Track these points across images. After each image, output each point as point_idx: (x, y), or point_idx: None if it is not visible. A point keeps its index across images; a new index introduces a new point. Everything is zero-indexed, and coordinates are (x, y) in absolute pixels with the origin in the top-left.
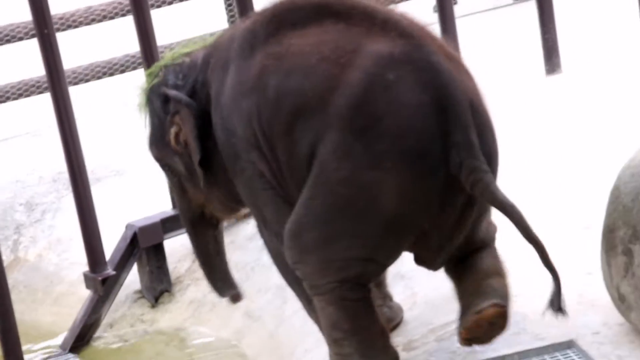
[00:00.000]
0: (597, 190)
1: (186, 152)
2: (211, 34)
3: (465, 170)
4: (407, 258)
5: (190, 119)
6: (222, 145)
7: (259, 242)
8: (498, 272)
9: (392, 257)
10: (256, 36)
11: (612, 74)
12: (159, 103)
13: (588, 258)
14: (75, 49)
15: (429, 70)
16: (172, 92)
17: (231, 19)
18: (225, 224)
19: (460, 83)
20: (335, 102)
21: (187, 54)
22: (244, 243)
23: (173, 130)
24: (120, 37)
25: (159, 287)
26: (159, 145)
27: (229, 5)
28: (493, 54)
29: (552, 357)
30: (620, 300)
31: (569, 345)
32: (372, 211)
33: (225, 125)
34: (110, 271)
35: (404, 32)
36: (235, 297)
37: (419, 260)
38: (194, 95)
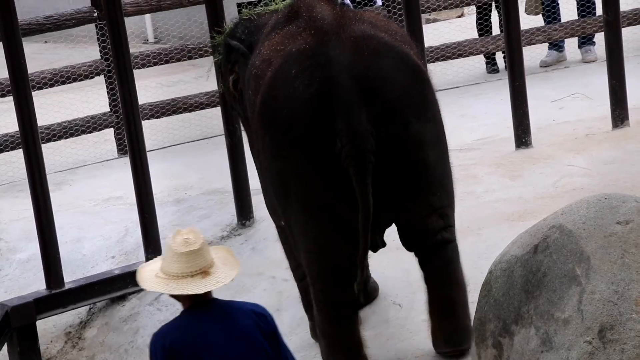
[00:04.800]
0: (469, 283)
1: (241, 99)
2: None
3: (343, 154)
4: None
5: (245, 68)
6: None
7: (134, 324)
8: (452, 309)
9: (334, 247)
10: None
11: (488, 168)
12: (224, 52)
13: None
14: None
15: (323, 65)
16: (233, 42)
17: (113, 102)
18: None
19: (355, 73)
20: (258, 97)
21: (260, 15)
22: (119, 325)
23: (232, 78)
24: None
25: None
26: (227, 91)
27: (112, 89)
28: None
29: None
30: None
31: None
32: (290, 196)
33: None
34: None
35: (321, 29)
36: None
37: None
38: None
